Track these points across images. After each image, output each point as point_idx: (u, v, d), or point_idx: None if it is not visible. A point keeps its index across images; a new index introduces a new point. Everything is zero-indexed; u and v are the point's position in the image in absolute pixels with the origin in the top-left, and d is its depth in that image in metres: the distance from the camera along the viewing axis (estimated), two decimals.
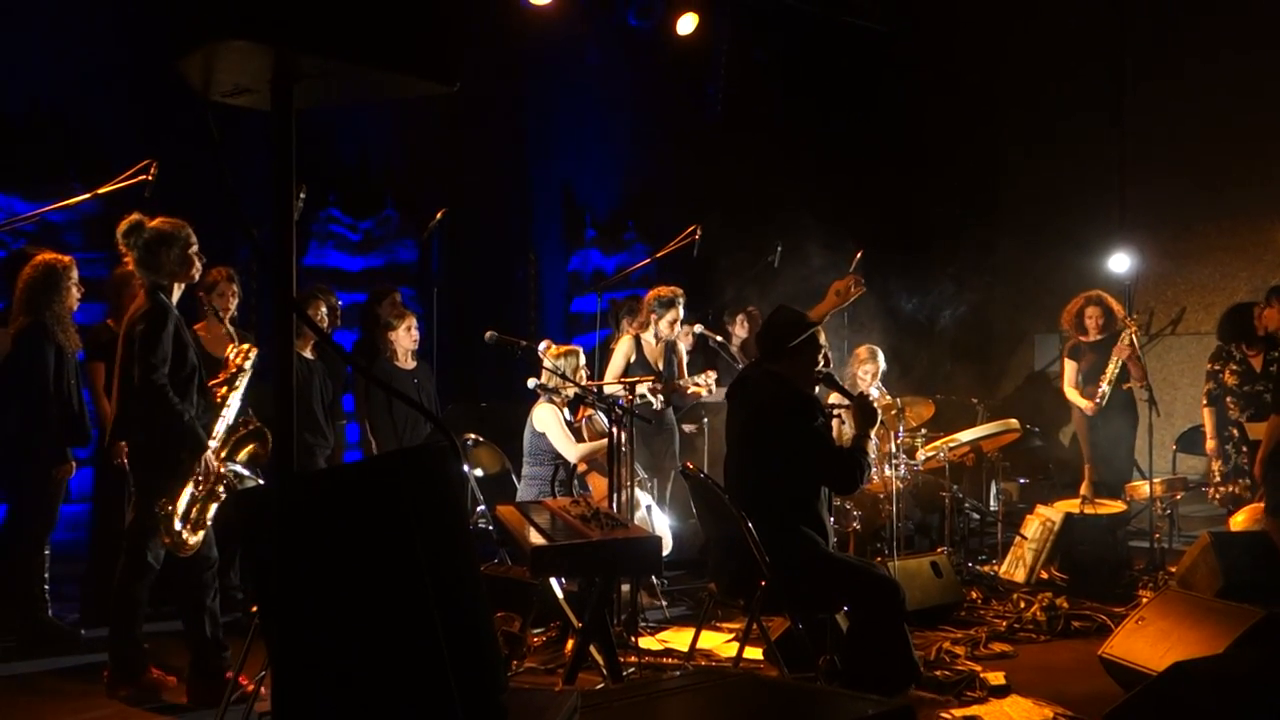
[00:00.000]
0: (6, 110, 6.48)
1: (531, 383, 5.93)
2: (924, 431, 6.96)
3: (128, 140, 6.16)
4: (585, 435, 6.13)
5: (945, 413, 8.00)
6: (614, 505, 5.19)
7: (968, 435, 6.87)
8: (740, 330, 8.19)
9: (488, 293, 8.81)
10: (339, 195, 8.19)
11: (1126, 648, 4.41)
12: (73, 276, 5.33)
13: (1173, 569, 6.33)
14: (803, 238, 8.28)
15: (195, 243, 4.52)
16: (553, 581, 4.69)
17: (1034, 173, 11.24)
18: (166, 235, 4.44)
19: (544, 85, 9.23)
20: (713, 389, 6.72)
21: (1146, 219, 10.56)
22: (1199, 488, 7.74)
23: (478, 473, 6.44)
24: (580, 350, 6.10)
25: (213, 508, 4.44)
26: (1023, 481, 8.63)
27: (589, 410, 6.11)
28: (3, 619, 5.39)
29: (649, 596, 5.99)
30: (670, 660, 5.03)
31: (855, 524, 6.29)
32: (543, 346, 6.00)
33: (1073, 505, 6.76)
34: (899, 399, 6.81)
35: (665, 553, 5.20)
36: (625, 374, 6.50)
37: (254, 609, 4.35)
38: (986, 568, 6.86)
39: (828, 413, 4.53)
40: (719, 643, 5.32)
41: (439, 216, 7.43)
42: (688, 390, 6.73)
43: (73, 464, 5.47)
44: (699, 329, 7.35)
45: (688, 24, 9.33)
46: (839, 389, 4.59)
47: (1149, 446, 7.17)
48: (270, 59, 1.83)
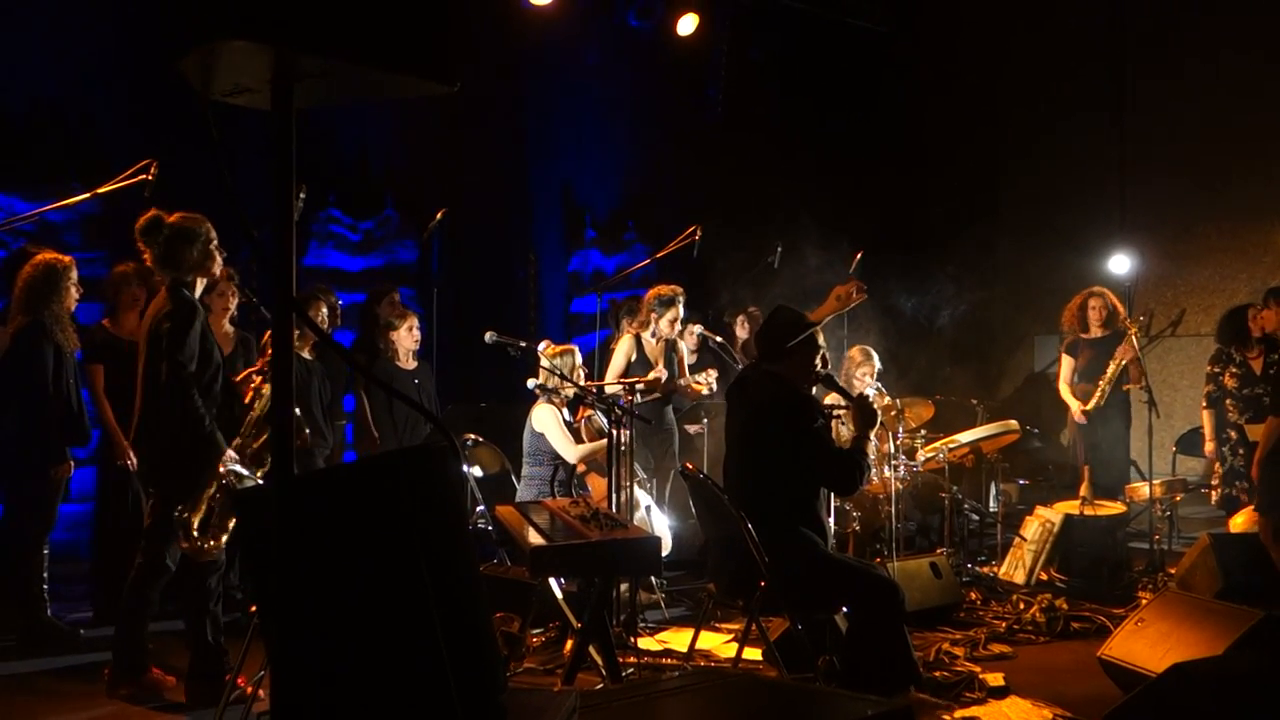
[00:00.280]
0: (6, 110, 6.48)
1: (531, 383, 5.93)
2: (923, 432, 6.97)
3: (128, 140, 6.15)
4: (584, 435, 6.13)
5: (945, 414, 8.00)
6: (613, 505, 5.19)
7: (967, 436, 6.87)
8: (741, 331, 8.19)
9: (487, 293, 8.81)
10: (339, 195, 8.18)
11: (1126, 649, 4.41)
12: (72, 276, 5.33)
13: (1172, 570, 6.33)
14: (802, 238, 8.29)
15: (215, 237, 4.47)
16: (552, 582, 4.68)
17: (1034, 173, 11.25)
18: (187, 231, 4.40)
19: (544, 86, 9.23)
20: (713, 388, 6.72)
21: (1146, 220, 10.56)
22: (1198, 489, 7.74)
23: (477, 473, 6.44)
24: (576, 349, 6.10)
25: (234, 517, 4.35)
26: (1022, 483, 8.63)
27: (588, 410, 6.11)
28: (2, 618, 5.38)
29: (648, 596, 5.99)
30: (669, 661, 5.02)
31: (855, 525, 6.29)
32: (542, 347, 6.00)
33: (1072, 506, 6.75)
34: (898, 400, 6.81)
35: (664, 553, 5.19)
36: (626, 374, 6.50)
37: (253, 609, 4.34)
38: (986, 569, 6.86)
39: (827, 413, 4.53)
40: (718, 643, 5.31)
41: (439, 217, 7.43)
42: (689, 389, 6.73)
43: (71, 463, 5.46)
44: (699, 329, 7.35)
45: (688, 24, 9.34)
46: (838, 389, 4.59)
47: (1148, 448, 7.17)
48: (270, 58, 1.83)
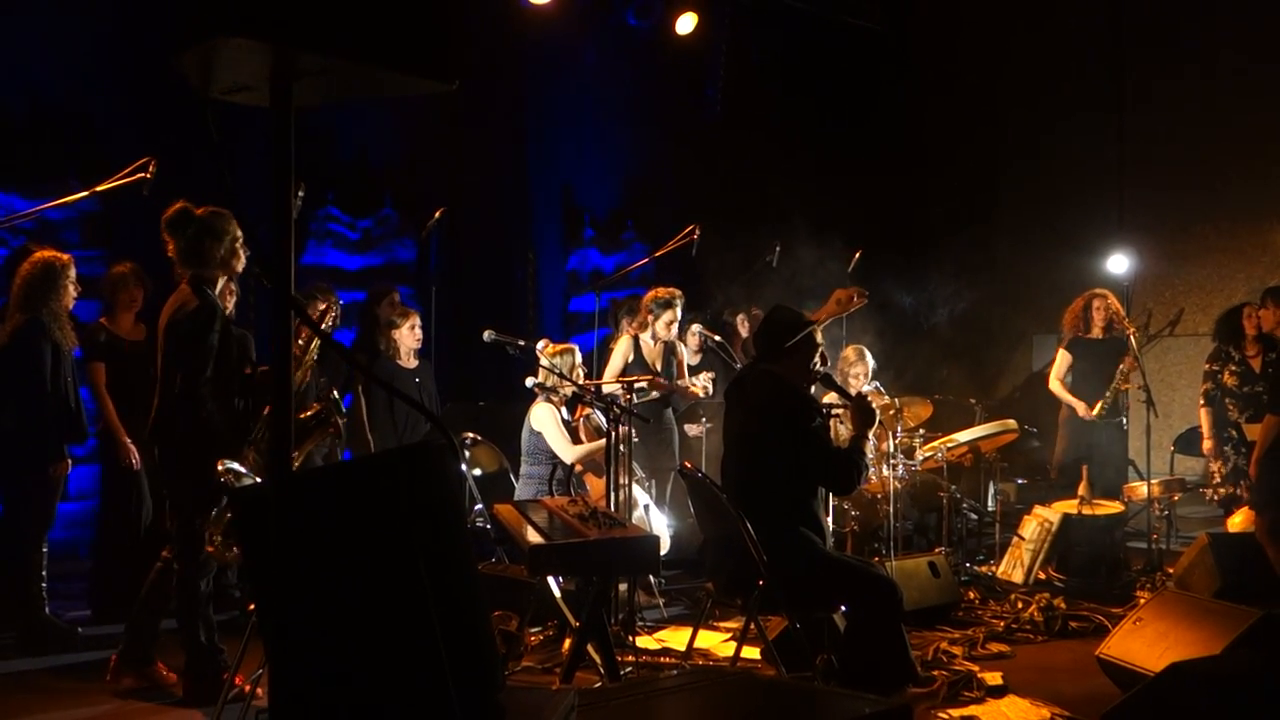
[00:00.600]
0: (6, 108, 6.47)
1: (529, 382, 5.93)
2: (922, 432, 6.96)
3: (127, 138, 6.14)
4: (583, 434, 6.13)
5: (943, 413, 8.00)
6: (611, 504, 5.18)
7: (965, 435, 6.87)
8: (742, 330, 8.19)
9: (486, 292, 8.80)
10: (338, 193, 8.17)
11: (1124, 648, 4.41)
12: (70, 274, 5.31)
13: (1170, 570, 6.34)
14: (801, 237, 8.29)
15: (240, 235, 4.35)
16: (550, 580, 4.69)
17: (1033, 173, 11.25)
18: (216, 228, 4.29)
19: (543, 84, 9.23)
20: (710, 390, 6.72)
21: (1145, 220, 10.56)
22: (1197, 489, 7.74)
23: (476, 471, 6.44)
24: (576, 349, 6.09)
25: None
26: (1020, 482, 8.64)
27: (587, 409, 6.10)
28: (0, 616, 5.38)
29: (646, 595, 5.99)
30: (668, 659, 5.03)
31: (853, 524, 6.29)
32: (540, 346, 6.00)
33: (1070, 506, 6.76)
34: (897, 399, 6.81)
35: (663, 552, 5.19)
36: (623, 374, 6.50)
37: (251, 607, 4.34)
38: (984, 568, 6.86)
39: (826, 413, 4.54)
40: (716, 642, 5.32)
41: (437, 215, 7.43)
42: (687, 390, 6.73)
43: (69, 461, 5.45)
44: (697, 328, 7.34)
45: (687, 24, 9.33)
46: (837, 389, 4.59)
47: (1146, 448, 7.17)
48: (269, 56, 1.83)
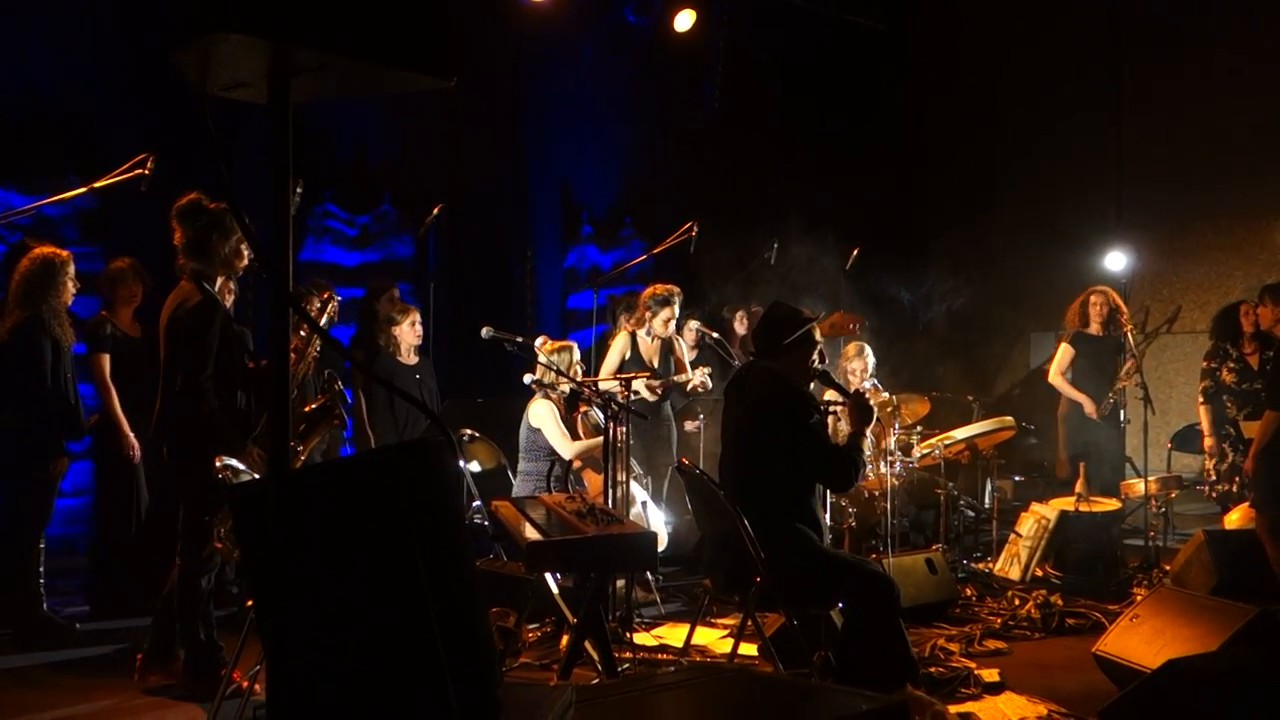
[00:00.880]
0: (4, 105, 6.46)
1: (528, 378, 5.93)
2: (919, 429, 6.97)
3: (125, 135, 6.14)
4: (581, 431, 6.13)
5: (941, 410, 8.01)
6: (609, 501, 5.19)
7: (963, 433, 6.88)
8: (740, 327, 8.19)
9: (484, 288, 8.81)
10: (336, 190, 8.17)
11: (1121, 645, 4.42)
12: (69, 271, 5.30)
13: (1167, 567, 6.34)
14: (799, 235, 8.29)
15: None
16: (548, 577, 4.69)
17: (1032, 172, 11.25)
18: (225, 225, 4.26)
19: (541, 81, 9.23)
20: (708, 385, 6.72)
21: (1143, 217, 10.58)
22: (1194, 486, 7.75)
23: (474, 468, 6.44)
24: (575, 346, 6.10)
25: None
26: (1018, 479, 8.64)
27: (585, 406, 6.10)
28: None
29: (644, 592, 5.99)
30: (665, 656, 5.03)
31: (851, 520, 6.30)
32: (539, 342, 6.00)
33: (1067, 503, 6.76)
34: (894, 396, 6.82)
35: (661, 549, 5.20)
36: (620, 370, 6.50)
37: (249, 604, 4.34)
38: (981, 565, 6.87)
39: (824, 410, 4.54)
40: (714, 638, 5.32)
41: (436, 212, 7.43)
42: (686, 386, 6.73)
43: (66, 458, 5.45)
44: (695, 325, 7.34)
45: (685, 21, 9.32)
46: (835, 386, 4.59)
47: (1144, 445, 7.18)
48: (268, 53, 1.83)
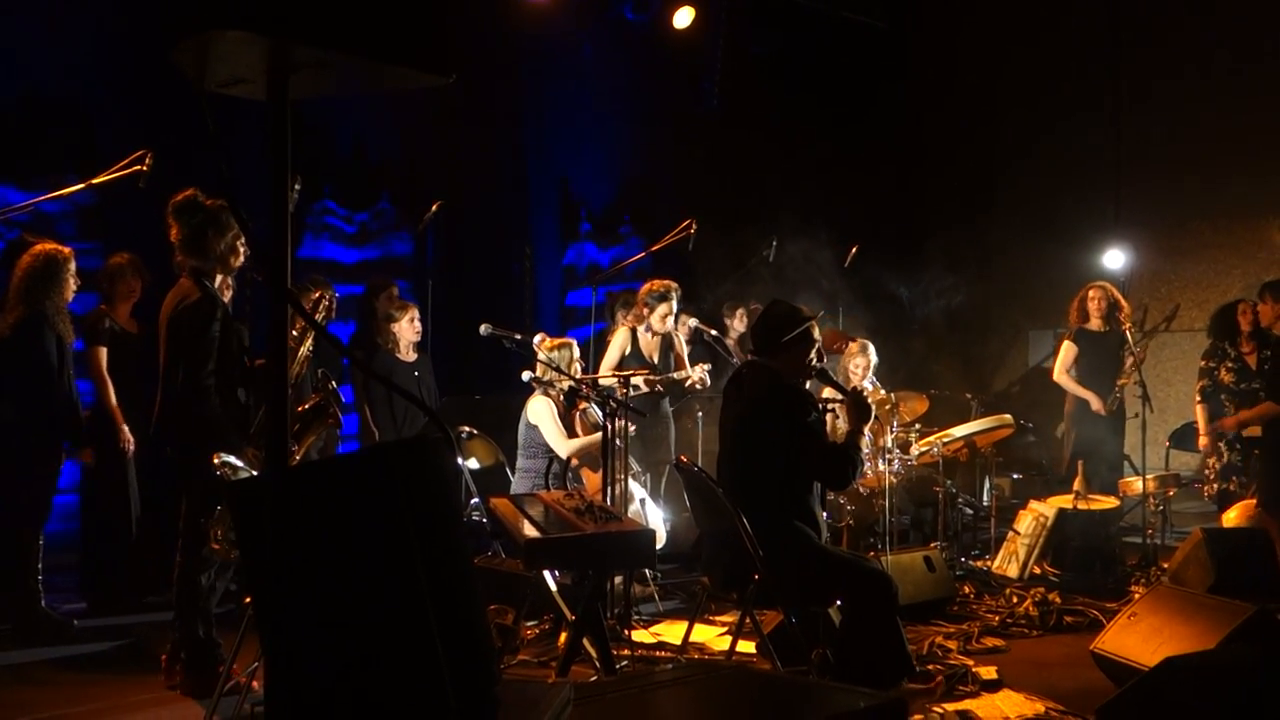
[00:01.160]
0: (3, 100, 6.45)
1: (526, 375, 5.92)
2: (918, 426, 6.98)
3: (124, 132, 6.13)
4: (579, 428, 6.13)
5: (939, 408, 8.01)
6: (608, 498, 5.19)
7: (961, 430, 6.87)
8: (739, 325, 8.19)
9: (483, 286, 8.80)
10: (334, 187, 8.16)
11: (1118, 643, 4.42)
12: (71, 268, 5.29)
13: (1165, 565, 6.34)
14: (798, 233, 8.29)
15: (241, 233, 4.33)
16: (546, 574, 4.69)
17: (1031, 172, 11.26)
18: (222, 221, 4.27)
19: (540, 78, 9.21)
20: (707, 381, 6.71)
21: (1142, 216, 10.58)
22: (1192, 484, 7.76)
23: (472, 465, 6.44)
24: (574, 343, 6.09)
25: None
26: (1016, 477, 8.64)
27: (584, 404, 6.10)
28: None
29: (642, 589, 5.99)
30: (663, 653, 5.03)
31: (849, 518, 6.30)
32: (537, 340, 5.99)
33: (1066, 501, 6.77)
34: (893, 394, 6.82)
35: (659, 546, 5.20)
36: (620, 367, 6.50)
37: (247, 600, 4.34)
38: (979, 563, 6.88)
39: (822, 408, 4.54)
40: (712, 636, 5.33)
41: (434, 209, 7.42)
42: (685, 382, 6.72)
43: (64, 455, 5.45)
44: (694, 322, 7.34)
45: (684, 18, 9.30)
46: (833, 384, 4.60)
47: (1142, 443, 7.18)
48: (266, 49, 1.83)
